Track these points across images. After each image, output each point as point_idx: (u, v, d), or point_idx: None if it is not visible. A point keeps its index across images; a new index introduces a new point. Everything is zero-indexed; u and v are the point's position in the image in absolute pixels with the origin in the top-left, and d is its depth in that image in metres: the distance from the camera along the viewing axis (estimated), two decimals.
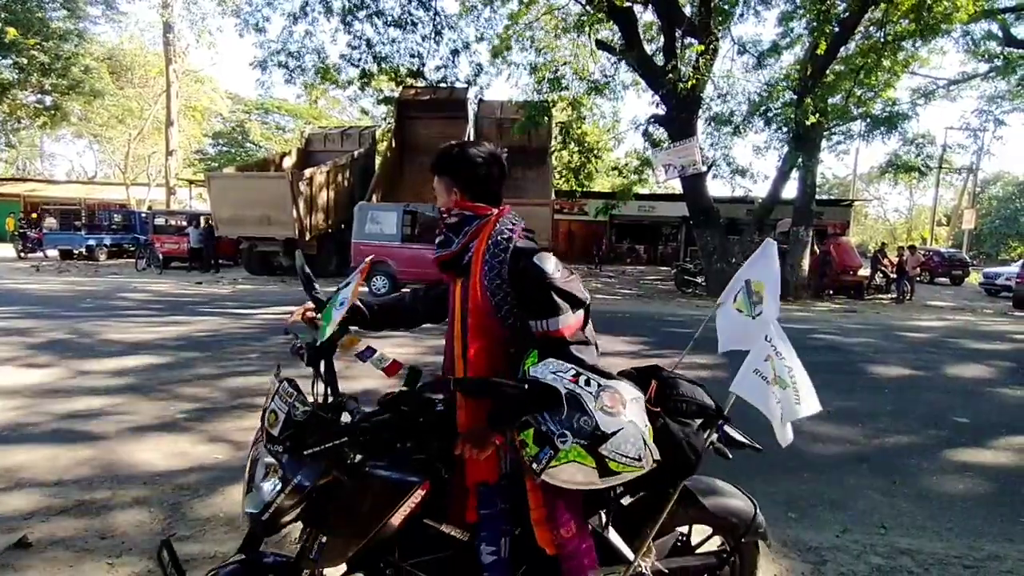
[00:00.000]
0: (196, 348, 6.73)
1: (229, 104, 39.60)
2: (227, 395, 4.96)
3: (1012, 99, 17.76)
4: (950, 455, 4.26)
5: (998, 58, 16.09)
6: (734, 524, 1.88)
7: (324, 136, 20.85)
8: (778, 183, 15.40)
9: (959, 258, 25.85)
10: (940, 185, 34.92)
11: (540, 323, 1.48)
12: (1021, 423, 5.02)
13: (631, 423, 1.31)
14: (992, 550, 2.90)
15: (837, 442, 4.44)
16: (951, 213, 39.34)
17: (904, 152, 15.79)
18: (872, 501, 3.44)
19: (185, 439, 3.91)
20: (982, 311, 15.44)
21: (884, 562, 2.77)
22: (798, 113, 12.63)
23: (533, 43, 16.33)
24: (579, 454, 1.28)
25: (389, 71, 16.67)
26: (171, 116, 27.04)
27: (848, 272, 16.87)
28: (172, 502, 3.00)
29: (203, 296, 12.13)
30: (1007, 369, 7.38)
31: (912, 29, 12.18)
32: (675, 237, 29.06)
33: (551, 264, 1.51)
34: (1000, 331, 11.27)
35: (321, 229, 16.59)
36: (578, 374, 1.34)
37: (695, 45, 13.87)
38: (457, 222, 1.65)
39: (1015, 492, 3.63)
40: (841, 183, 44.36)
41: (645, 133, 16.64)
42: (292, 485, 1.39)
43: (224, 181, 15.83)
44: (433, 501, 1.53)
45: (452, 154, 1.65)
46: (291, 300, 11.80)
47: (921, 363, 7.54)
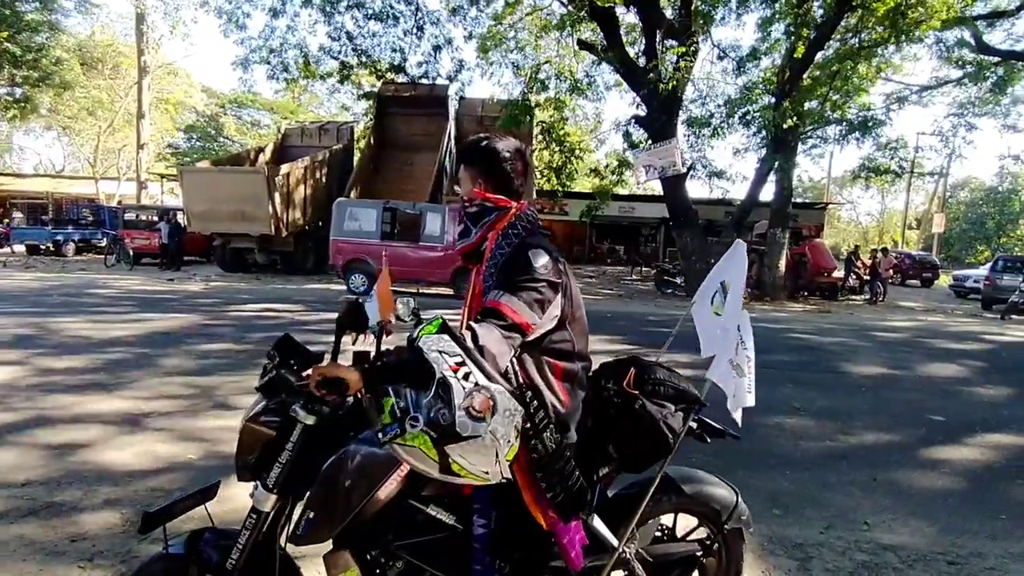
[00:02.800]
0: (168, 345, 6.54)
1: (203, 98, 38.80)
2: (201, 394, 4.81)
3: (983, 105, 18.22)
4: (927, 452, 4.32)
5: (970, 64, 16.50)
6: (716, 511, 1.90)
7: (301, 131, 20.48)
8: (756, 185, 15.59)
9: (929, 261, 26.55)
10: (911, 189, 35.79)
11: (495, 292, 1.48)
12: (995, 421, 5.12)
13: (491, 433, 1.24)
14: (974, 547, 2.93)
15: (817, 439, 4.47)
16: (921, 217, 40.34)
17: (878, 156, 16.11)
18: (854, 498, 3.46)
19: (157, 439, 3.78)
20: (952, 312, 15.84)
21: (869, 558, 2.78)
22: (776, 116, 12.79)
23: (517, 43, 16.29)
24: (425, 444, 1.22)
25: (370, 65, 16.47)
26: (143, 109, 26.40)
27: (823, 273, 17.16)
28: (144, 504, 2.87)
29: (175, 293, 11.83)
30: (979, 368, 7.55)
31: (887, 35, 12.41)
32: (654, 238, 29.29)
33: (541, 260, 1.52)
34: (970, 331, 11.56)
35: (298, 226, 16.33)
36: (462, 363, 1.25)
37: (676, 47, 13.96)
38: (477, 212, 1.67)
39: (992, 489, 3.69)
40: (815, 186, 45.21)
41: (625, 134, 16.72)
42: (256, 409, 1.54)
43: (197, 176, 15.45)
44: (420, 482, 1.51)
45: (480, 146, 1.68)
46: (266, 298, 11.59)
47: (896, 362, 7.67)
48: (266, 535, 1.52)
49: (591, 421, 1.71)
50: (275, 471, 1.47)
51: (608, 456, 1.73)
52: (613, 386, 1.75)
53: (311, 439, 1.47)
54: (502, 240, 1.61)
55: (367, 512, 1.46)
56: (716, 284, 2.16)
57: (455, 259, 12.48)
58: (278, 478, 1.47)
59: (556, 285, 1.54)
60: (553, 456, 1.48)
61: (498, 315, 1.43)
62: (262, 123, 42.41)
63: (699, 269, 15.11)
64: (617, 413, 1.70)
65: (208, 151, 36.86)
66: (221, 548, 1.54)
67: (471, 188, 1.68)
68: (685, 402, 1.77)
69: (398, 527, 1.57)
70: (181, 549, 1.54)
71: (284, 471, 1.46)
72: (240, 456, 1.54)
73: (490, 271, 1.59)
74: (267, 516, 1.50)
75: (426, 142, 18.32)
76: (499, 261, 1.58)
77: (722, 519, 1.90)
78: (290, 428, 1.46)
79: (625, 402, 1.70)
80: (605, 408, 1.72)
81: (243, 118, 42.11)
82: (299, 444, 1.46)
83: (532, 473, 1.51)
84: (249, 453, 1.53)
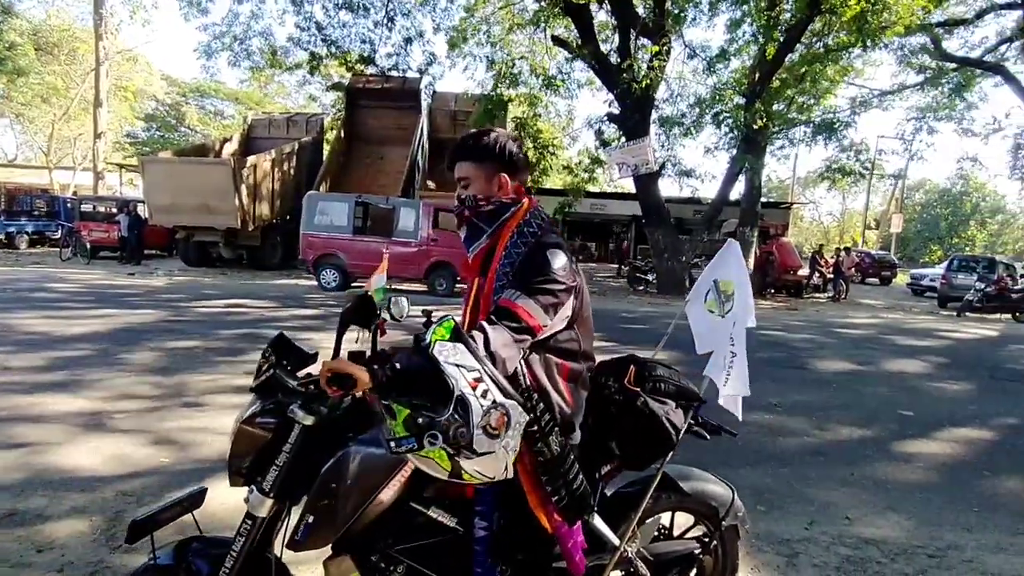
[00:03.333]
0: (132, 343, 6.28)
1: (164, 86, 37.50)
2: (169, 393, 4.62)
3: (941, 109, 18.91)
4: (900, 447, 4.43)
5: (930, 70, 17.08)
6: (713, 509, 1.93)
7: (268, 122, 19.94)
8: (727, 184, 15.84)
9: (888, 260, 27.46)
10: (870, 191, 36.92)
11: (510, 292, 1.44)
12: (960, 416, 5.29)
13: (503, 449, 1.23)
14: (952, 539, 3.01)
15: (795, 435, 4.55)
16: (880, 217, 41.65)
17: (843, 157, 16.56)
18: (834, 493, 3.52)
19: (125, 441, 3.60)
20: (911, 309, 16.41)
21: (852, 553, 2.82)
22: (747, 117, 13.01)
23: (489, 37, 16.17)
24: (440, 456, 1.21)
25: (340, 56, 16.16)
26: (100, 96, 25.31)
27: (789, 271, 17.58)
28: (115, 510, 2.73)
29: (136, 288, 11.40)
30: (941, 364, 7.81)
31: (853, 40, 12.72)
32: (626, 235, 29.54)
33: (559, 262, 1.48)
34: (929, 328, 11.98)
35: (265, 219, 15.92)
36: (480, 379, 1.23)
37: (649, 46, 14.06)
38: (494, 210, 1.60)
39: (965, 482, 3.79)
40: (779, 186, 46.25)
41: (598, 132, 16.79)
42: (251, 411, 1.48)
43: (160, 166, 14.89)
44: (421, 484, 1.48)
45: (493, 139, 1.60)
46: (233, 293, 11.27)
47: (862, 358, 7.88)
48: (260, 542, 1.45)
49: (592, 419, 1.71)
50: (271, 474, 1.41)
51: (611, 453, 1.74)
52: (614, 384, 1.76)
53: (309, 440, 1.42)
54: (517, 239, 1.55)
55: (368, 515, 1.43)
56: (709, 282, 2.20)
57: (429, 255, 12.39)
58: (275, 481, 1.41)
59: (571, 289, 1.51)
60: (558, 459, 1.46)
61: (512, 316, 1.39)
62: (226, 113, 41.26)
63: (671, 266, 15.32)
64: (619, 411, 1.71)
65: (169, 141, 35.68)
66: (211, 557, 1.47)
67: (485, 185, 1.60)
68: (685, 399, 1.80)
69: (399, 530, 1.53)
70: (170, 559, 1.46)
71: (281, 474, 1.41)
72: (233, 460, 1.48)
73: (504, 270, 1.53)
74: (263, 522, 1.43)
75: (398, 136, 18.07)
76: (515, 261, 1.52)
77: (719, 516, 1.92)
78: (287, 429, 1.41)
79: (627, 399, 1.71)
80: (607, 406, 1.72)
81: (206, 108, 40.87)
82: (297, 446, 1.40)
83: (537, 476, 1.49)
84: (244, 456, 1.46)
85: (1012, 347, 9.94)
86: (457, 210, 1.65)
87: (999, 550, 2.93)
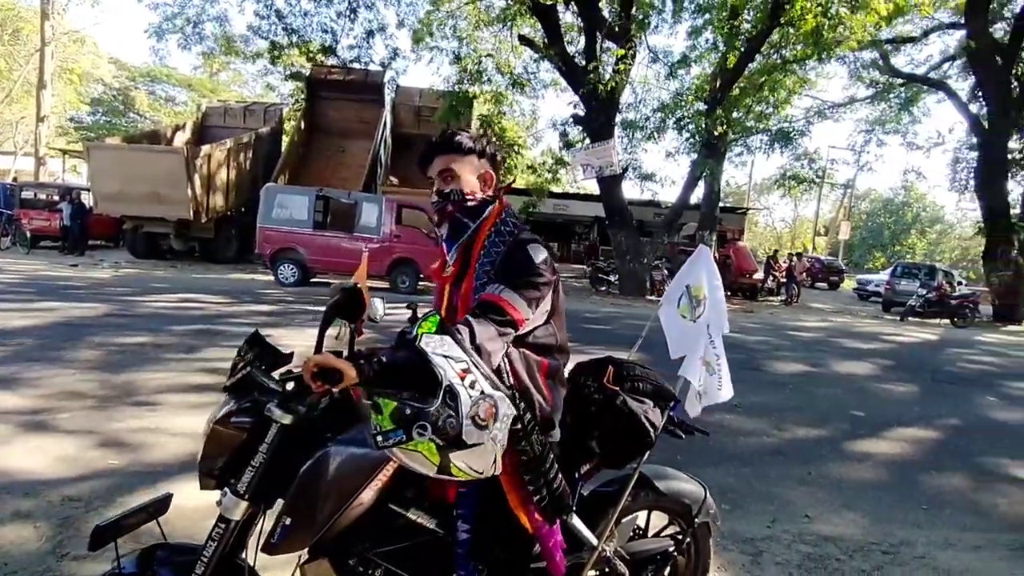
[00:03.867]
0: (75, 338, 5.95)
1: (112, 69, 35.85)
2: (118, 392, 4.39)
3: (888, 123, 19.79)
4: (853, 446, 4.59)
5: (879, 84, 17.86)
6: (687, 507, 1.97)
7: (224, 111, 19.23)
8: (687, 188, 16.16)
9: (836, 265, 28.58)
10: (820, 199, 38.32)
11: (494, 286, 1.45)
12: (907, 416, 5.53)
13: (492, 439, 1.23)
14: (903, 536, 3.13)
15: (755, 435, 4.65)
16: (829, 224, 43.27)
17: (797, 166, 17.15)
18: (793, 492, 3.62)
19: (71, 442, 3.40)
20: (858, 313, 17.10)
21: (813, 550, 2.90)
22: (708, 123, 13.30)
23: (456, 32, 16.05)
24: (429, 450, 1.19)
25: (301, 45, 15.75)
26: (44, 78, 24.00)
27: (745, 275, 18.08)
28: (62, 516, 2.56)
29: (80, 280, 10.84)
30: (887, 367, 8.15)
31: (809, 52, 13.18)
32: (588, 236, 29.79)
33: (540, 257, 1.51)
34: (875, 332, 12.50)
35: (219, 211, 15.37)
36: (468, 370, 1.22)
37: (615, 49, 14.21)
38: (476, 206, 1.60)
39: (913, 480, 3.96)
40: (736, 191, 47.51)
41: (562, 133, 16.88)
42: (225, 410, 1.42)
43: (107, 153, 14.17)
44: (401, 486, 1.46)
45: (478, 135, 1.65)
46: (185, 287, 10.85)
47: (815, 360, 8.15)
48: (232, 547, 1.39)
49: (572, 418, 1.72)
50: (247, 476, 1.35)
51: (590, 452, 1.75)
52: (593, 383, 1.79)
53: (287, 441, 1.37)
54: (495, 237, 1.56)
55: (347, 517, 1.39)
56: (681, 288, 2.23)
57: (392, 252, 12.21)
58: (250, 483, 1.35)
59: (551, 283, 1.53)
60: (540, 458, 1.45)
61: (497, 310, 1.40)
62: (178, 100, 39.70)
63: (632, 268, 15.53)
64: (598, 409, 1.73)
65: (117, 127, 34.11)
66: (178, 564, 1.41)
67: (471, 180, 1.60)
68: (662, 398, 1.83)
69: (378, 533, 1.50)
70: (134, 567, 1.39)
71: (257, 475, 1.35)
72: (205, 461, 1.41)
73: (484, 267, 1.53)
74: (237, 525, 1.37)
75: (360, 129, 17.72)
76: (495, 259, 1.53)
77: (692, 514, 1.96)
78: (264, 429, 1.36)
79: (606, 398, 1.73)
80: (586, 405, 1.74)
81: (157, 94, 39.23)
82: (274, 446, 1.35)
83: (518, 475, 1.47)
84: (217, 457, 1.40)
85: (950, 351, 10.46)
86: (439, 205, 1.60)
87: (947, 546, 3.06)
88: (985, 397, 6.70)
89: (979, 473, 4.19)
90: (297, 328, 7.40)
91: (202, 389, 4.55)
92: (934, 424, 5.36)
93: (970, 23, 15.41)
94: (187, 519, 2.40)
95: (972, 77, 17.88)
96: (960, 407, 6.11)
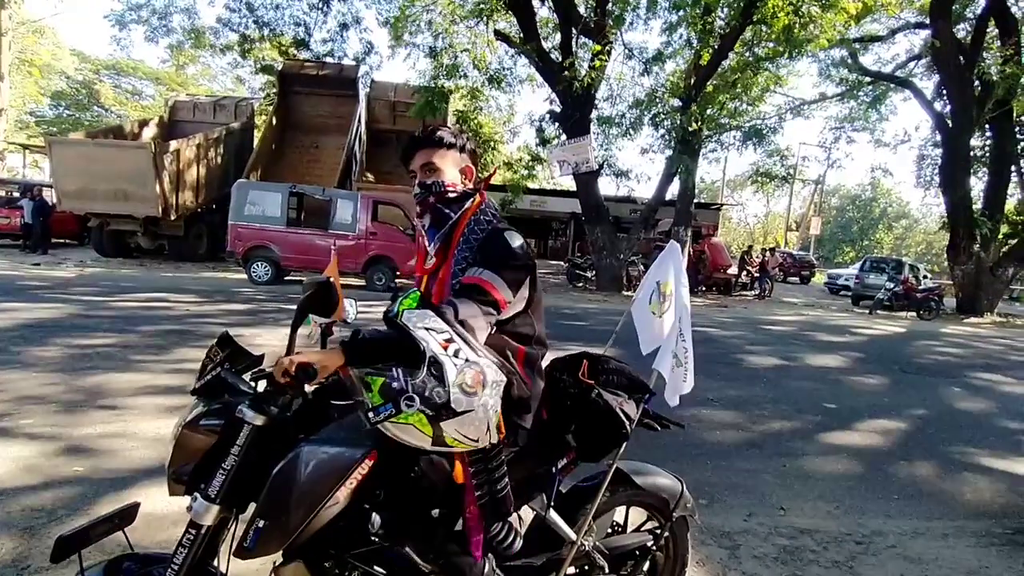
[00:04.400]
0: (38, 340, 5.75)
1: (75, 61, 34.73)
2: (83, 396, 4.25)
3: (857, 120, 20.23)
4: (826, 438, 4.68)
5: (848, 82, 18.24)
6: (664, 501, 1.98)
7: (193, 105, 18.72)
8: (663, 185, 16.28)
9: (807, 260, 29.21)
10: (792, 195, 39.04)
11: (473, 269, 1.50)
12: (877, 407, 5.65)
13: (483, 406, 1.25)
14: (875, 526, 3.19)
15: (730, 428, 4.71)
16: (800, 220, 44.11)
17: (770, 162, 17.42)
18: (768, 484, 3.66)
19: (33, 448, 3.27)
20: (828, 307, 17.46)
21: (789, 543, 2.94)
22: (683, 119, 13.41)
23: (431, 26, 15.88)
24: (420, 421, 1.22)
25: (272, 39, 15.44)
26: (2, 70, 23.14)
27: (720, 270, 18.34)
28: (23, 526, 2.46)
29: (43, 280, 10.49)
30: (857, 359, 8.33)
31: (780, 50, 13.35)
32: (564, 232, 29.89)
33: (518, 242, 1.57)
34: (845, 325, 12.77)
35: (189, 208, 15.00)
36: (451, 340, 1.24)
37: (592, 45, 14.22)
38: (457, 198, 1.65)
39: (883, 471, 4.04)
40: (710, 188, 48.11)
41: (539, 129, 16.86)
42: (194, 413, 1.42)
43: (70, 148, 13.71)
44: (376, 486, 1.45)
45: (459, 131, 1.69)
46: (154, 287, 10.58)
47: (788, 354, 8.29)
48: (203, 554, 1.36)
49: (548, 413, 1.75)
50: (218, 479, 1.32)
51: (567, 445, 1.77)
52: (569, 378, 1.81)
53: (259, 443, 1.34)
54: (474, 226, 1.62)
55: (322, 519, 1.37)
56: (652, 285, 2.26)
57: (368, 249, 12.07)
58: (222, 487, 1.32)
59: (529, 267, 1.58)
60: (489, 453, 1.44)
61: (479, 290, 1.44)
62: (145, 94, 38.69)
63: (609, 263, 15.61)
64: (574, 403, 1.76)
65: (80, 121, 33.11)
66: (146, 575, 1.38)
67: (452, 173, 1.66)
68: (637, 391, 1.86)
69: (352, 534, 1.47)
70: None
71: (229, 479, 1.32)
72: (174, 466, 1.39)
73: (463, 254, 1.58)
74: (208, 531, 1.34)
75: (334, 125, 17.47)
76: (473, 246, 1.58)
77: (670, 509, 1.97)
78: (235, 431, 1.33)
79: (581, 392, 1.76)
80: (562, 399, 1.77)
81: (123, 87, 38.13)
82: (246, 448, 1.33)
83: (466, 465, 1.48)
84: (186, 462, 1.37)
85: (917, 343, 10.74)
86: (421, 196, 1.64)
87: (917, 535, 3.13)
88: (950, 388, 6.89)
89: (946, 462, 4.30)
90: (271, 327, 7.26)
91: (172, 391, 4.43)
92: (903, 415, 5.49)
93: (934, 23, 15.79)
94: (156, 526, 2.34)
95: (936, 76, 18.35)
96: (927, 398, 6.28)
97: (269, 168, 15.98)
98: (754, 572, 2.64)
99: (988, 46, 17.12)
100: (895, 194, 54.73)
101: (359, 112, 17.77)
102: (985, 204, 17.39)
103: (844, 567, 2.74)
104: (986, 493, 3.81)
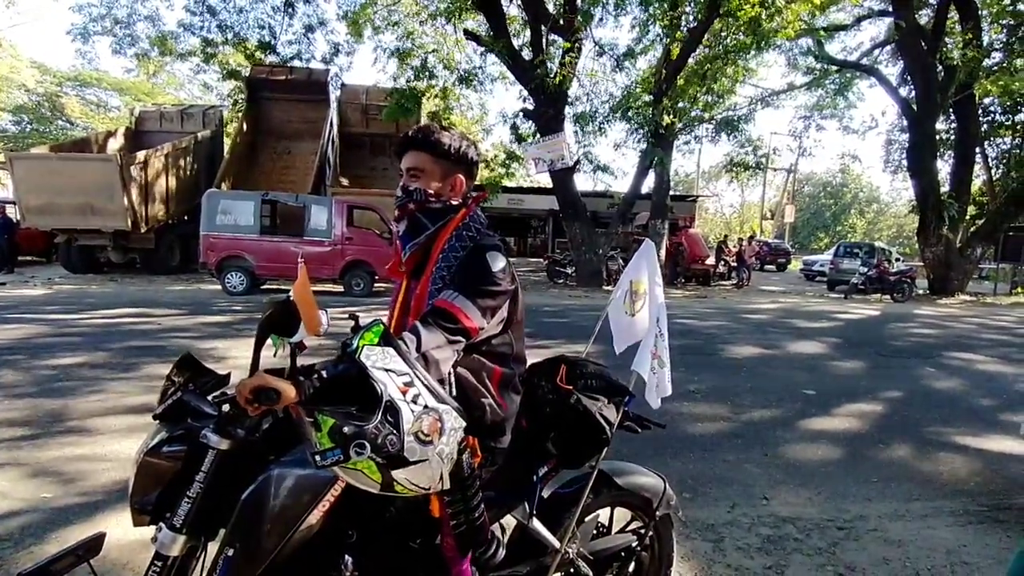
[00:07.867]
0: (4, 361, 5.57)
1: (35, 74, 33.82)
2: (49, 418, 4.12)
3: (825, 108, 20.56)
4: (805, 425, 4.72)
5: (815, 71, 18.52)
6: (647, 500, 1.97)
7: (160, 115, 18.33)
8: (639, 179, 16.37)
9: (783, 248, 29.66)
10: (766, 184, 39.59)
11: (448, 293, 1.42)
12: (854, 392, 5.73)
13: (437, 455, 1.18)
14: (857, 511, 3.22)
15: (712, 420, 4.73)
16: (774, 208, 44.69)
17: (742, 153, 17.61)
18: (751, 475, 3.68)
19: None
20: (805, 294, 17.71)
21: (772, 532, 2.95)
22: (656, 113, 13.48)
23: (397, 25, 15.76)
24: (369, 468, 1.14)
25: (236, 43, 15.17)
26: None
27: (698, 261, 18.49)
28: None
29: (9, 299, 10.21)
30: (834, 344, 8.45)
31: (748, 42, 13.48)
32: (543, 229, 29.92)
33: (499, 265, 1.49)
34: (822, 311, 12.95)
35: (160, 220, 14.71)
36: (410, 383, 1.18)
37: (561, 42, 14.23)
38: (440, 209, 1.58)
39: (862, 455, 4.09)
40: (685, 180, 48.54)
41: (513, 127, 16.83)
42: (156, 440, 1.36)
43: (32, 163, 13.33)
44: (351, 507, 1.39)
45: (457, 138, 1.59)
46: (126, 302, 10.34)
47: (767, 342, 8.38)
48: None
49: (527, 421, 1.71)
50: (183, 508, 1.27)
51: (547, 453, 1.74)
52: (547, 384, 1.78)
53: (225, 467, 1.29)
54: (455, 242, 1.54)
55: (295, 543, 1.32)
56: (626, 284, 2.25)
57: (344, 255, 11.94)
58: (187, 515, 1.27)
59: (508, 292, 1.51)
60: (463, 482, 1.37)
61: (449, 317, 1.37)
62: (111, 105, 37.79)
63: (588, 259, 15.66)
64: (553, 410, 1.72)
65: (45, 135, 32.25)
66: None
67: (439, 182, 1.57)
68: (616, 394, 1.84)
69: (328, 559, 1.42)
70: None
71: (194, 507, 1.27)
72: (137, 496, 1.33)
73: (440, 273, 1.51)
74: (175, 561, 1.29)
75: (306, 130, 17.26)
76: (452, 264, 1.51)
77: (653, 507, 1.97)
78: (199, 457, 1.28)
79: (560, 398, 1.73)
80: (541, 406, 1.74)
81: (87, 99, 37.22)
82: (212, 474, 1.27)
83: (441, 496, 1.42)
84: (148, 491, 1.32)
85: (892, 325, 10.93)
86: (400, 202, 1.58)
87: (898, 517, 3.16)
88: (925, 368, 7.01)
89: (922, 443, 4.37)
90: (246, 339, 7.13)
91: (143, 411, 4.31)
92: (880, 398, 5.57)
93: (897, 10, 16.09)
94: (126, 556, 2.26)
95: (901, 62, 18.70)
96: (902, 380, 6.38)
97: (241, 176, 15.73)
98: (739, 564, 2.64)
99: (950, 31, 17.48)
100: (865, 179, 55.83)
101: (330, 116, 17.58)
102: (952, 186, 17.76)
103: (827, 553, 2.76)
104: (962, 471, 3.87)
